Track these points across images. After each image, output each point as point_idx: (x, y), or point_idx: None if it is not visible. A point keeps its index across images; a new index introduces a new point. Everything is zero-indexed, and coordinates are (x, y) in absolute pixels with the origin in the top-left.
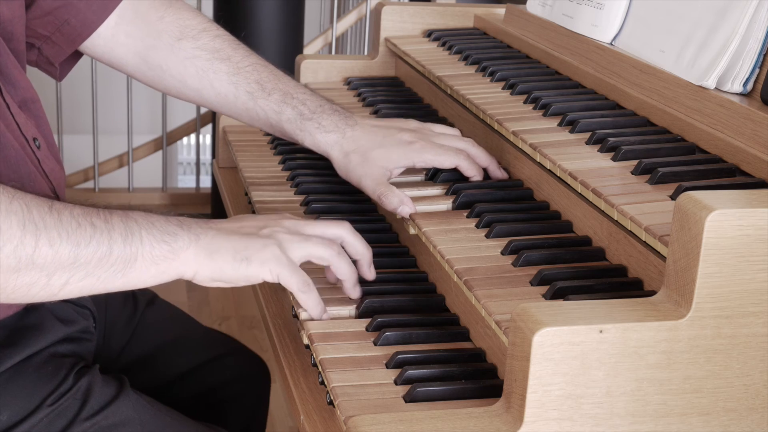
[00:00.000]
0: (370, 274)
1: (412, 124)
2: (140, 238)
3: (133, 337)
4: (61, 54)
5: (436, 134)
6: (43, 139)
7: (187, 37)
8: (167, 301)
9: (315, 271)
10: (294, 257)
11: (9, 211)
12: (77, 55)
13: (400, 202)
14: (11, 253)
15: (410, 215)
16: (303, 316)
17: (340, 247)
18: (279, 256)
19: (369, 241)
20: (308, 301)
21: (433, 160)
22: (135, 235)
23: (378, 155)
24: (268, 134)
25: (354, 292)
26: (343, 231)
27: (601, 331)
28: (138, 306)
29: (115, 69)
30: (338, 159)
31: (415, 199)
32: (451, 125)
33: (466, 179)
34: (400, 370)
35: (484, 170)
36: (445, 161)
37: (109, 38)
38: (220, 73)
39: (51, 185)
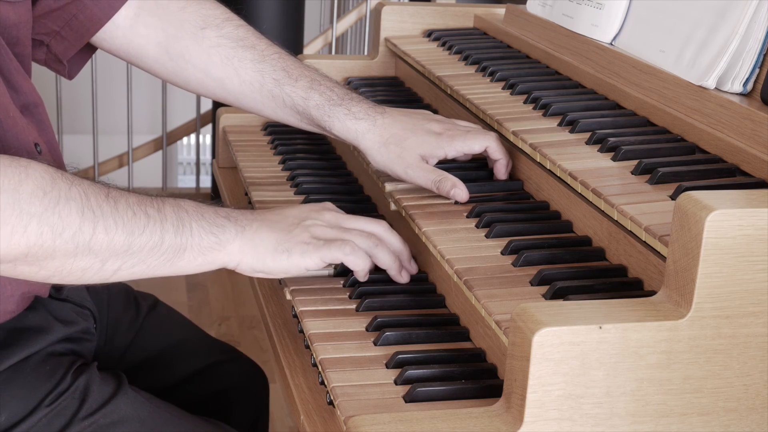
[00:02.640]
0: (402, 278)
1: (436, 115)
2: (190, 230)
3: (135, 341)
4: (70, 50)
5: (461, 125)
6: (44, 144)
7: (211, 26)
8: (168, 304)
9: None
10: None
11: (69, 197)
12: (87, 52)
13: (452, 186)
14: (70, 239)
15: (411, 215)
16: (306, 319)
17: (378, 239)
18: (316, 243)
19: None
20: (357, 260)
21: (463, 146)
22: (186, 226)
23: (413, 144)
24: (268, 134)
25: (401, 278)
26: (380, 228)
27: (600, 327)
28: (140, 310)
29: (134, 63)
30: (373, 149)
31: (414, 198)
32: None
33: (466, 180)
34: (400, 370)
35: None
36: (475, 145)
37: (128, 29)
38: (246, 60)
39: None
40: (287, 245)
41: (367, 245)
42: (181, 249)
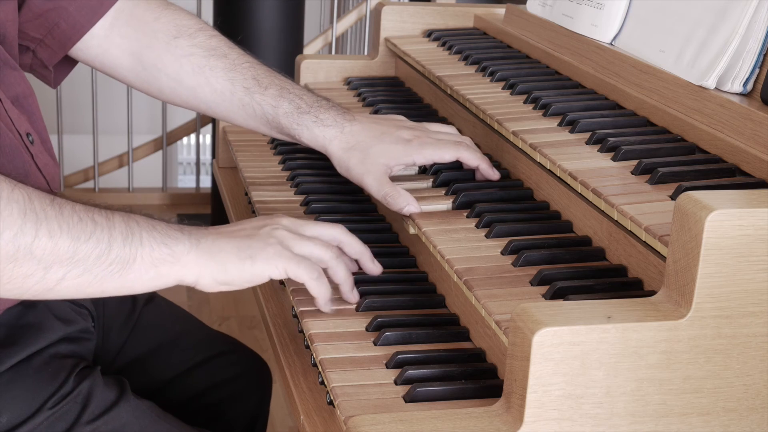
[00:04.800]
0: (375, 268)
1: (408, 122)
2: (140, 239)
3: (132, 335)
4: (54, 57)
5: (433, 131)
6: (36, 134)
7: (184, 35)
8: (167, 298)
9: None
10: (296, 253)
11: (10, 198)
12: (71, 62)
13: (406, 203)
14: (10, 240)
15: (410, 214)
16: (306, 319)
17: (339, 251)
18: (282, 252)
19: (369, 241)
20: (320, 288)
21: (433, 155)
22: (135, 236)
23: (378, 151)
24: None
25: (352, 296)
26: (338, 232)
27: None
28: (136, 303)
29: (108, 73)
30: (337, 155)
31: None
32: (450, 125)
33: (465, 179)
34: (400, 370)
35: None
36: (446, 154)
37: (103, 39)
38: (217, 69)
39: (45, 179)
40: (250, 252)
41: (328, 256)
42: (131, 260)
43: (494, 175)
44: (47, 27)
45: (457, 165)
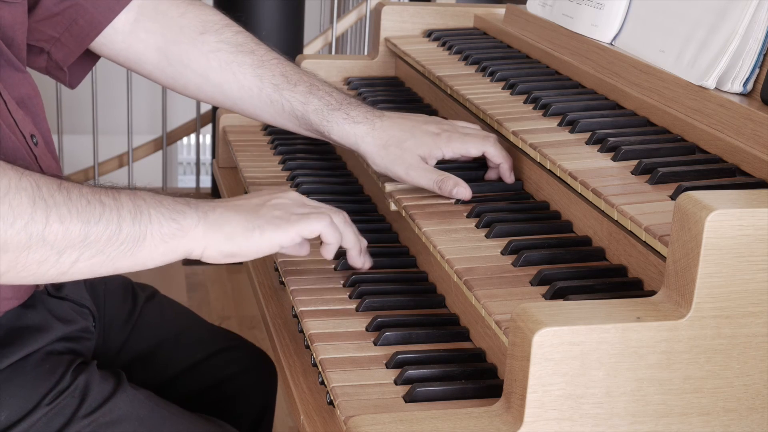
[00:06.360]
0: (361, 262)
1: (435, 118)
2: (149, 217)
3: (133, 333)
4: (70, 56)
5: (460, 126)
6: (40, 136)
7: (210, 31)
8: (167, 296)
9: (310, 263)
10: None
11: (19, 187)
12: (89, 62)
13: (455, 185)
14: (22, 229)
15: (411, 215)
16: (306, 319)
17: (347, 216)
18: (291, 218)
19: (369, 241)
20: (335, 234)
21: (460, 148)
22: (144, 214)
23: (413, 145)
24: (268, 134)
25: (359, 261)
26: (342, 218)
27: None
28: (137, 301)
29: (133, 68)
30: (373, 152)
31: (414, 198)
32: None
33: (467, 180)
34: (400, 370)
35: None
36: (472, 148)
37: (127, 34)
38: (245, 65)
39: None
40: (258, 222)
41: (338, 220)
42: (141, 237)
43: (510, 178)
44: (65, 24)
45: (457, 165)
